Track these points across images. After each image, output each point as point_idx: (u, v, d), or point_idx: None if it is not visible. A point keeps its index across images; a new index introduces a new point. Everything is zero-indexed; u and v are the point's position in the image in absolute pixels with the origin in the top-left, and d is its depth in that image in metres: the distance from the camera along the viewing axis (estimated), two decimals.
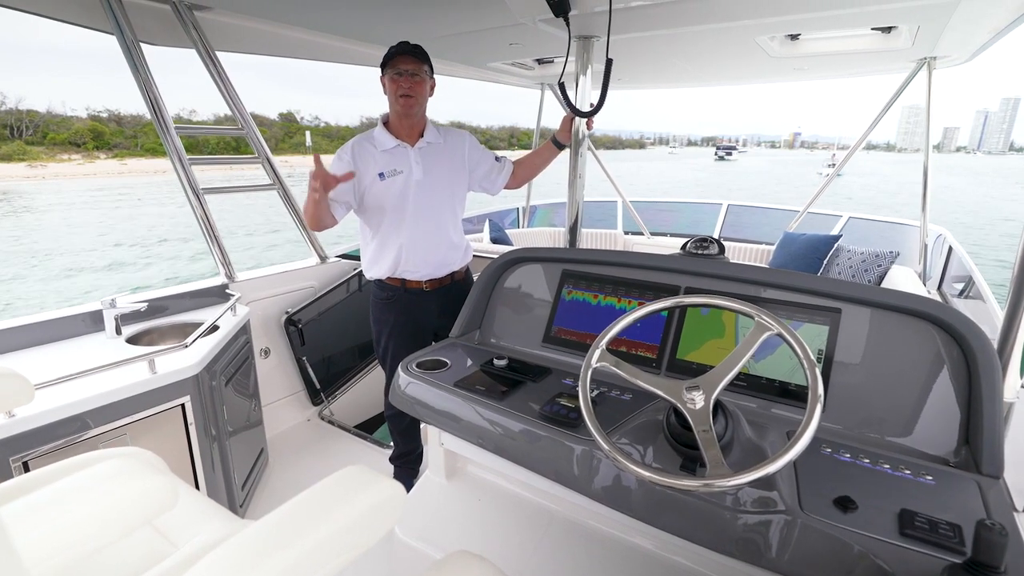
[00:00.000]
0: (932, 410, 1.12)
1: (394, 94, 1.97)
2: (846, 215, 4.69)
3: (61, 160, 54.52)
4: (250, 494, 2.24)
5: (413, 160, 2.04)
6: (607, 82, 1.92)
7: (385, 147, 2.04)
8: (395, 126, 2.07)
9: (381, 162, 2.03)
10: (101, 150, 60.06)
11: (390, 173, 2.02)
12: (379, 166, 2.02)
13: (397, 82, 1.95)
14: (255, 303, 2.62)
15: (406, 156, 2.04)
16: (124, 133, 63.92)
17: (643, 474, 0.90)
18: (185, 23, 2.21)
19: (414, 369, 1.46)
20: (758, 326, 1.00)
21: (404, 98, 1.96)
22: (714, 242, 1.60)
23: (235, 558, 0.62)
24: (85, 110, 72.38)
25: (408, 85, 1.95)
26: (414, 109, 2.00)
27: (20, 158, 51.03)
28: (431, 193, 2.07)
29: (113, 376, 1.64)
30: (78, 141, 60.22)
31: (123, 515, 0.71)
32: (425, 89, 2.02)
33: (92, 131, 62.05)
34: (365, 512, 0.74)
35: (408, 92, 1.96)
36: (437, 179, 2.09)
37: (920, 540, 0.82)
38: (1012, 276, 1.19)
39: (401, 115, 2.02)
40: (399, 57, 1.94)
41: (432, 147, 2.10)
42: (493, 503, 1.51)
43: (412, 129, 2.07)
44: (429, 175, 2.06)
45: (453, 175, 2.16)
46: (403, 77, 1.94)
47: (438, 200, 2.10)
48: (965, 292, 2.92)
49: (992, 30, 2.34)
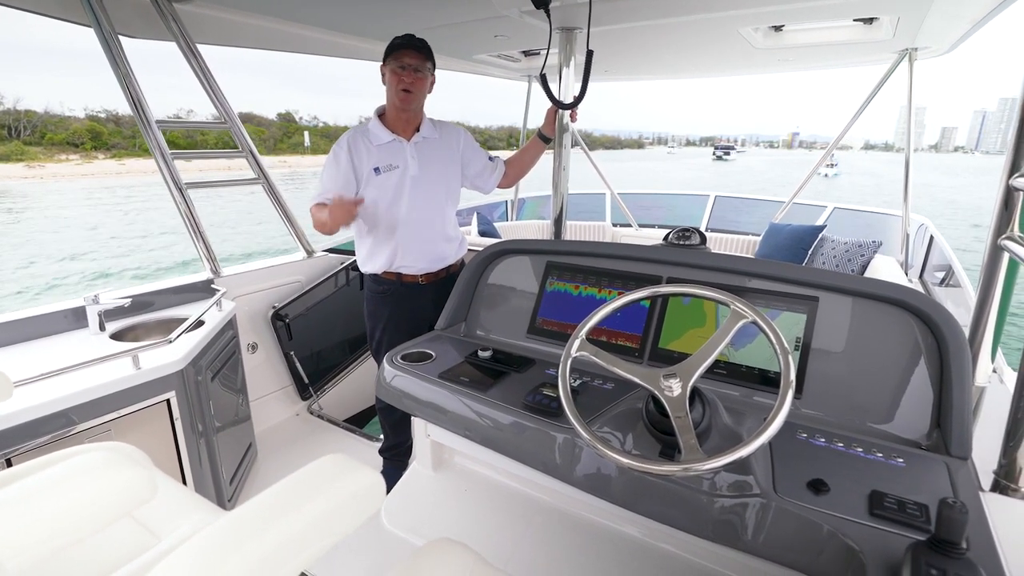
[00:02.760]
0: (907, 396, 1.14)
1: (395, 87, 1.96)
2: (831, 206, 4.74)
3: (59, 160, 53.77)
4: (238, 489, 2.25)
5: (409, 155, 2.04)
6: (588, 74, 1.93)
7: (381, 141, 2.03)
8: (391, 119, 2.06)
9: (376, 157, 2.02)
10: (99, 150, 59.30)
11: (386, 168, 2.02)
12: (374, 161, 2.02)
13: (399, 75, 1.93)
14: (241, 298, 2.61)
15: (402, 151, 2.04)
16: (122, 133, 62.95)
17: (622, 461, 0.92)
18: (164, 15, 2.18)
19: (399, 361, 1.46)
20: (734, 314, 1.02)
21: (404, 93, 1.95)
22: (696, 232, 1.62)
23: (213, 544, 0.63)
24: (83, 110, 71.36)
25: (410, 80, 1.94)
26: (412, 104, 2.00)
27: (18, 158, 50.34)
28: (427, 188, 2.07)
29: (97, 372, 1.63)
30: (76, 141, 59.34)
31: (100, 508, 0.72)
32: (426, 85, 2.01)
33: (90, 131, 61.14)
34: (344, 500, 0.75)
35: (409, 87, 1.95)
36: (432, 174, 2.09)
37: (888, 519, 0.85)
38: (982, 265, 1.21)
39: (399, 109, 2.01)
40: (404, 51, 1.93)
41: (427, 142, 2.10)
42: (479, 492, 1.53)
43: (408, 123, 2.06)
44: (425, 170, 2.06)
45: (448, 170, 2.16)
46: (406, 71, 1.93)
47: (433, 195, 2.11)
48: (945, 280, 2.97)
49: (971, 20, 2.37)
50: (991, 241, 1.17)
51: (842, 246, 3.75)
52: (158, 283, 2.33)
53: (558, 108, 2.12)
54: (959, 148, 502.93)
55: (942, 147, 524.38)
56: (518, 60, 3.59)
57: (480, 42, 2.95)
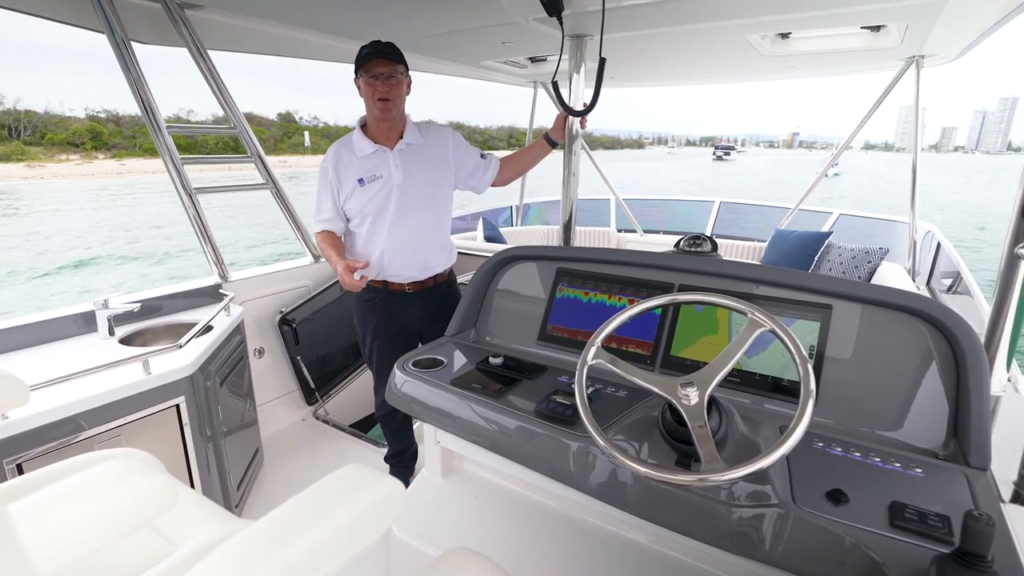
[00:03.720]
0: (921, 404, 1.14)
1: (371, 98, 1.93)
2: (836, 212, 4.74)
3: (59, 160, 54.11)
4: (246, 494, 2.24)
5: (392, 164, 2.00)
6: (600, 81, 1.93)
7: (364, 152, 2.01)
8: (373, 129, 2.03)
9: (360, 168, 2.00)
10: (99, 150, 59.68)
11: (369, 179, 1.99)
12: (358, 172, 2.00)
13: (373, 86, 1.91)
14: (249, 303, 2.61)
15: (385, 160, 2.01)
16: (122, 133, 63.43)
17: (639, 470, 0.91)
18: (176, 21, 2.20)
19: (410, 368, 1.46)
20: (751, 323, 1.01)
21: (382, 102, 1.92)
22: (707, 239, 1.61)
23: (237, 557, 0.63)
24: (83, 110, 71.98)
25: (385, 88, 1.91)
26: (392, 112, 1.96)
27: (18, 158, 50.65)
28: (412, 196, 2.03)
29: (107, 377, 1.63)
30: (76, 141, 59.78)
31: (123, 515, 0.72)
32: (402, 90, 1.98)
33: (90, 131, 61.58)
34: (365, 510, 0.75)
35: (385, 95, 1.91)
36: (418, 181, 2.04)
37: (910, 531, 0.84)
38: (998, 272, 1.21)
39: (379, 119, 1.98)
40: (373, 60, 1.89)
41: (412, 148, 2.05)
42: (490, 500, 1.52)
43: (391, 131, 2.03)
44: (410, 178, 2.02)
45: (435, 175, 2.10)
46: (379, 80, 1.90)
47: (420, 203, 2.06)
48: (953, 288, 2.96)
49: (979, 29, 2.37)
50: (1007, 250, 1.16)
51: (849, 253, 3.75)
52: (167, 288, 2.33)
53: (569, 115, 2.12)
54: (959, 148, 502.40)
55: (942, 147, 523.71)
56: (524, 66, 3.60)
57: (487, 48, 2.96)
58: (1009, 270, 1.18)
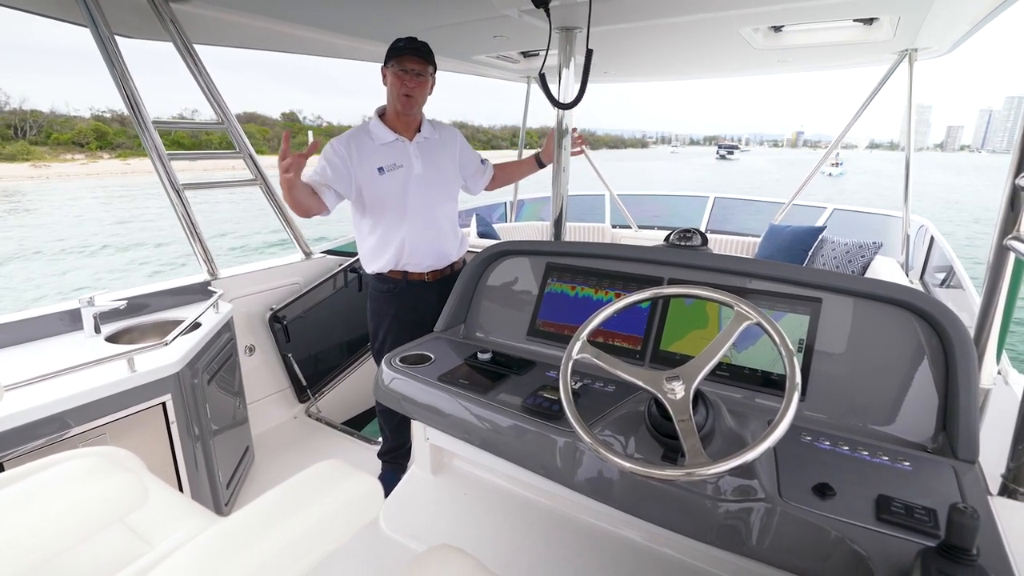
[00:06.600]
0: (911, 398, 1.13)
1: (396, 90, 1.97)
2: (830, 207, 4.73)
3: (64, 160, 54.05)
4: (235, 493, 2.22)
5: (413, 154, 2.06)
6: (587, 73, 1.91)
7: (383, 141, 2.04)
8: (392, 120, 2.07)
9: (380, 156, 2.02)
10: (104, 150, 59.63)
11: (390, 167, 2.03)
12: (378, 160, 2.02)
13: (402, 79, 1.95)
14: (238, 300, 2.59)
15: (405, 150, 2.05)
16: (127, 133, 63.25)
17: (624, 465, 0.90)
18: (162, 15, 2.17)
19: (398, 364, 1.45)
20: (737, 316, 1.00)
21: (406, 97, 1.97)
22: (697, 233, 1.60)
23: (207, 552, 0.61)
24: (88, 110, 71.77)
25: (412, 85, 1.96)
26: (414, 108, 2.03)
27: (24, 158, 50.54)
28: (431, 186, 2.10)
29: (92, 375, 1.61)
30: (81, 141, 59.78)
31: (87, 515, 0.70)
32: (427, 89, 2.04)
33: (95, 131, 61.55)
34: (341, 506, 0.73)
35: (411, 92, 1.97)
36: (436, 172, 2.12)
37: (896, 525, 0.83)
38: (987, 266, 1.20)
39: (400, 112, 2.03)
40: (407, 56, 1.94)
41: (429, 142, 2.13)
42: (479, 497, 1.51)
43: (409, 124, 2.08)
44: (428, 169, 2.09)
45: (449, 169, 2.20)
46: (408, 76, 1.95)
47: (437, 193, 2.14)
48: (946, 282, 2.96)
49: (971, 20, 2.36)
50: (996, 241, 1.15)
51: (842, 247, 3.74)
52: (154, 285, 2.31)
53: (557, 108, 2.12)
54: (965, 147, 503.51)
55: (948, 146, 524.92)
56: (517, 61, 3.58)
57: (479, 43, 2.94)
58: (998, 262, 1.17)
